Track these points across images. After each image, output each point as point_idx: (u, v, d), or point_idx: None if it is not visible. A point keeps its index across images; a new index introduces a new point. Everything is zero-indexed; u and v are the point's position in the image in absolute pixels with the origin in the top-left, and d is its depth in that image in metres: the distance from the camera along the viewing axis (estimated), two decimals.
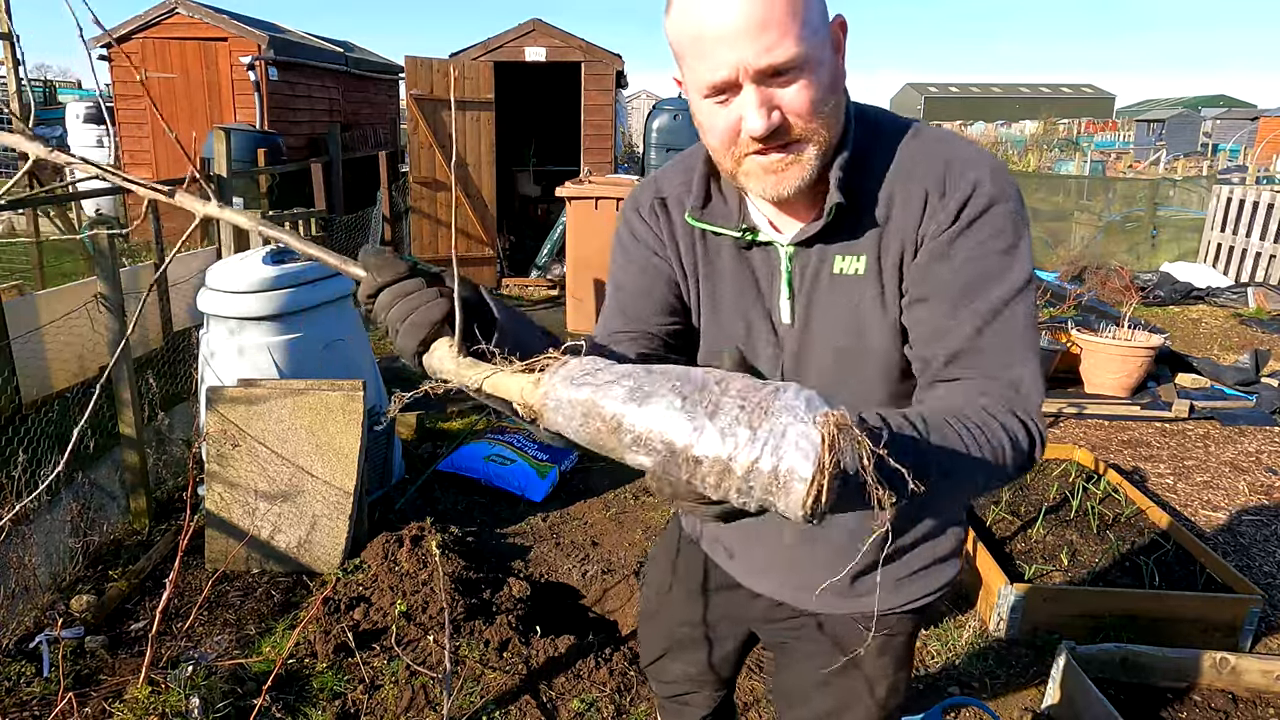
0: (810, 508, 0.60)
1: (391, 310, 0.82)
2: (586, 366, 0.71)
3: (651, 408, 0.65)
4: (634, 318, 1.20)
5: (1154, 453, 4.62)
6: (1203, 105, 42.30)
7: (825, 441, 0.59)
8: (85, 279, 4.82)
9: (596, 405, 0.67)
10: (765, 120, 0.94)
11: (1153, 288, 8.24)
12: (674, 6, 0.98)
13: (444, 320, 0.81)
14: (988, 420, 0.93)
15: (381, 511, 3.50)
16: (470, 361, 0.79)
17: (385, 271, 0.84)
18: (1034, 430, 0.97)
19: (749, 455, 0.60)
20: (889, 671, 1.30)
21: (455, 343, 0.79)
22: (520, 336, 0.88)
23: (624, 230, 1.24)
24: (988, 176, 1.02)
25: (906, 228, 1.04)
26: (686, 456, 0.63)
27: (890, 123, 1.09)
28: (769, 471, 0.60)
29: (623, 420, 0.65)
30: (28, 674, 2.43)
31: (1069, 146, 24.52)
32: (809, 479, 0.59)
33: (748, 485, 0.61)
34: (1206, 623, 2.78)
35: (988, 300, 1.00)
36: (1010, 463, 0.93)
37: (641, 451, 0.65)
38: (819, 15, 0.96)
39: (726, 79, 0.94)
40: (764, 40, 0.91)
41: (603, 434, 0.67)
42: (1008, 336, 1.00)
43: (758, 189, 1.02)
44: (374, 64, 12.95)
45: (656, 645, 1.56)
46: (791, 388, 0.64)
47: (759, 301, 1.15)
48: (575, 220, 6.57)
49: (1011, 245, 1.01)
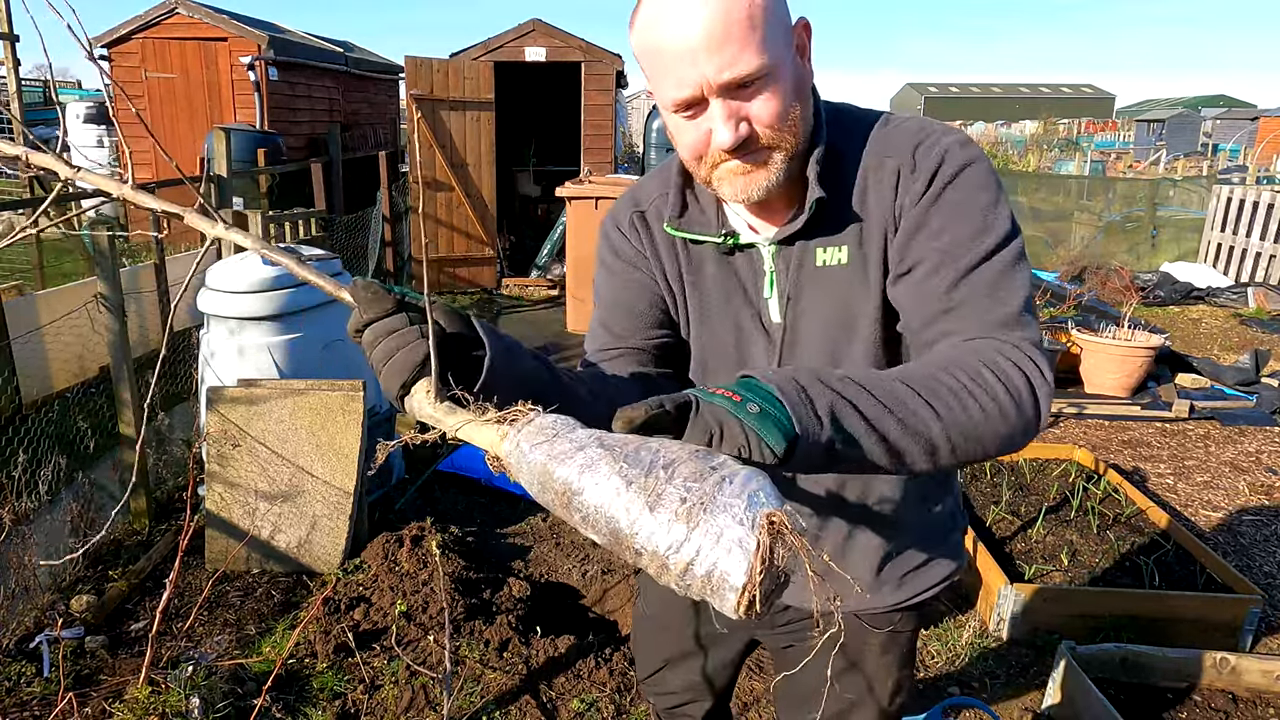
0: (745, 611, 0.59)
1: (375, 350, 0.82)
2: (547, 430, 0.70)
3: (600, 489, 0.64)
4: (621, 335, 1.20)
5: (1154, 453, 4.62)
6: (1203, 105, 42.32)
7: (759, 550, 0.58)
8: (85, 279, 4.82)
9: (549, 474, 0.67)
10: (734, 133, 0.95)
11: (1153, 288, 8.25)
12: (636, 23, 0.98)
13: (425, 362, 0.80)
14: (962, 359, 0.89)
15: (381, 511, 3.50)
16: (448, 407, 0.79)
17: (371, 308, 0.83)
18: (1028, 368, 0.90)
19: (685, 555, 0.60)
20: (893, 670, 1.30)
21: (432, 389, 0.79)
22: (514, 366, 0.88)
23: (604, 247, 1.24)
24: (955, 145, 1.02)
25: (883, 209, 1.05)
26: (629, 544, 0.63)
27: (860, 116, 1.10)
28: (703, 575, 0.60)
29: (572, 497, 0.66)
30: (28, 674, 2.43)
31: (1069, 146, 24.52)
32: (739, 588, 0.59)
33: (684, 583, 0.61)
34: (1206, 623, 2.78)
35: (971, 256, 0.98)
36: (1004, 400, 0.87)
37: (589, 529, 0.65)
38: (779, 22, 0.95)
39: (691, 96, 0.94)
40: (724, 55, 0.91)
41: (556, 505, 0.67)
42: (991, 284, 0.97)
43: (729, 193, 1.03)
44: (374, 64, 12.96)
45: (655, 657, 1.54)
46: (740, 476, 0.63)
47: (747, 304, 1.15)
48: (575, 220, 6.57)
49: (990, 202, 1.00)
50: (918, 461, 0.84)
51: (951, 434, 0.84)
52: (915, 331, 1.02)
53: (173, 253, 5.42)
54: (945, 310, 0.98)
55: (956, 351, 0.92)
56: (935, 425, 0.83)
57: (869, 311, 1.08)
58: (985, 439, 0.86)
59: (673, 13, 0.92)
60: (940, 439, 0.84)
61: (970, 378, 0.87)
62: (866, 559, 1.23)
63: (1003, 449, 0.89)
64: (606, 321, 1.22)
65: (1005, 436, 0.88)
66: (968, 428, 0.85)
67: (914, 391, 0.83)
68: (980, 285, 0.97)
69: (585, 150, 8.70)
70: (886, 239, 1.05)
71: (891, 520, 1.21)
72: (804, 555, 0.59)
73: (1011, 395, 0.88)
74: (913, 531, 1.24)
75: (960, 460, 0.87)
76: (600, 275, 1.26)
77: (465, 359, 0.84)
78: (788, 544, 0.59)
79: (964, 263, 0.98)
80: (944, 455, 0.85)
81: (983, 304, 0.96)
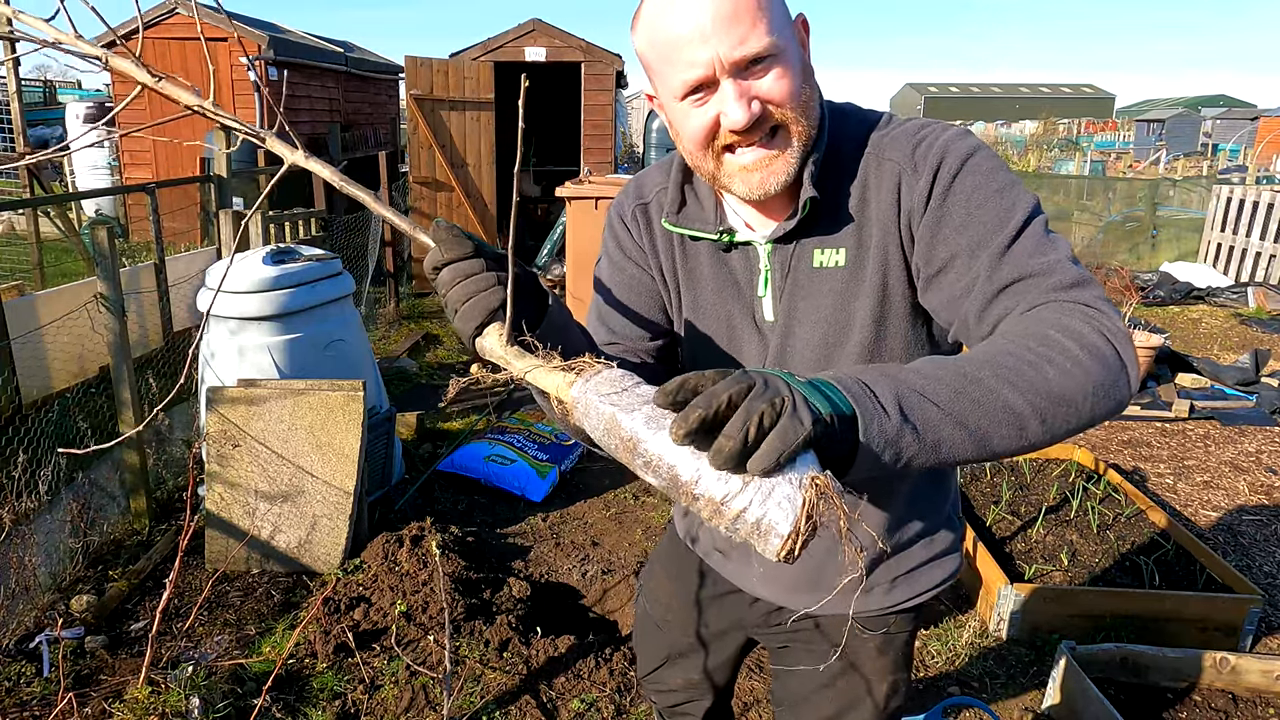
0: (784, 557, 0.67)
1: (452, 290, 0.88)
2: (615, 383, 0.78)
3: (663, 439, 0.71)
4: (620, 333, 1.22)
5: (1154, 453, 4.62)
6: (1203, 105, 42.33)
7: (805, 506, 0.66)
8: (85, 279, 4.82)
9: (618, 423, 0.74)
10: (746, 111, 0.95)
11: (1153, 288, 8.24)
12: (641, 19, 0.99)
13: (499, 308, 0.86)
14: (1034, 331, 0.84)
15: (381, 511, 3.50)
16: (517, 351, 0.86)
17: (452, 249, 0.88)
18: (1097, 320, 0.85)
19: (739, 504, 0.68)
20: (890, 671, 1.30)
21: (505, 332, 0.86)
22: (567, 323, 0.98)
23: (609, 238, 1.26)
24: (954, 138, 1.02)
25: (885, 213, 1.04)
26: (687, 490, 0.70)
27: (862, 118, 1.10)
28: (753, 522, 0.67)
29: (638, 444, 0.73)
30: (28, 674, 2.43)
31: (1069, 146, 24.53)
32: (785, 536, 0.66)
33: (734, 526, 0.69)
34: (1206, 623, 2.78)
35: (1004, 235, 0.95)
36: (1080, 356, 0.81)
37: (650, 473, 0.73)
38: (782, 9, 0.98)
39: (703, 76, 0.94)
40: (736, 32, 0.92)
41: (620, 449, 0.75)
42: (1033, 252, 0.94)
43: (742, 189, 1.02)
44: (374, 64, 12.96)
45: (655, 655, 1.55)
46: None
47: (740, 302, 1.16)
48: (575, 220, 6.57)
49: (1005, 184, 0.99)
50: (1009, 440, 0.79)
51: (1037, 403, 0.79)
52: (972, 325, 0.96)
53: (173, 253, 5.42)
54: (997, 292, 0.93)
55: (1019, 324, 0.88)
56: (1016, 398, 0.78)
57: (863, 315, 1.08)
58: (1076, 400, 0.81)
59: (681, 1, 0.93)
60: (1026, 410, 0.79)
61: (1039, 342, 0.82)
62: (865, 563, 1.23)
63: (1100, 407, 0.82)
64: (606, 317, 1.23)
65: (1097, 392, 0.81)
66: (1053, 393, 0.80)
67: (985, 369, 0.79)
68: (1023, 258, 0.93)
69: (585, 150, 8.70)
70: (887, 245, 1.05)
71: (885, 524, 1.21)
72: (841, 515, 0.67)
73: (1088, 349, 0.82)
74: (906, 535, 1.24)
75: (1057, 430, 0.81)
76: (603, 263, 1.26)
77: (527, 305, 0.92)
78: (830, 502, 0.67)
79: (998, 243, 0.95)
80: (1034, 428, 0.80)
81: (1032, 275, 0.92)
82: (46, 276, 6.45)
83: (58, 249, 8.07)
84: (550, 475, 3.86)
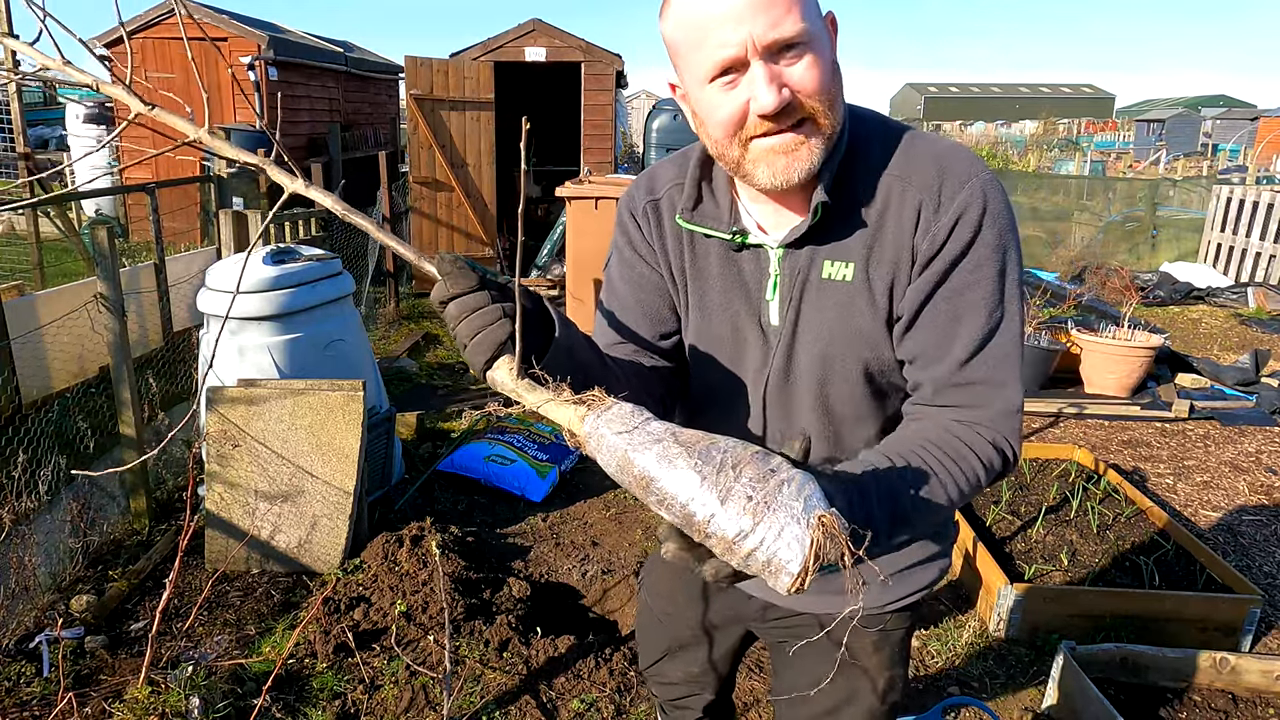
0: (794, 592, 0.73)
1: (460, 325, 0.89)
2: (626, 419, 0.81)
3: (676, 478, 0.76)
4: (629, 334, 1.22)
5: (1154, 453, 4.62)
6: (1203, 105, 42.34)
7: (813, 546, 0.71)
8: (85, 279, 4.82)
9: (630, 461, 0.78)
10: (776, 95, 0.94)
11: (1153, 288, 8.25)
12: (672, 3, 0.99)
13: (507, 340, 0.88)
14: (965, 455, 1.02)
15: (381, 511, 3.50)
16: (528, 384, 0.88)
17: (457, 283, 0.89)
18: (1009, 453, 1.06)
19: (750, 544, 0.73)
20: (886, 668, 1.31)
21: (515, 366, 0.88)
22: (574, 346, 0.98)
23: (619, 235, 1.25)
24: (979, 193, 1.03)
25: (900, 239, 1.05)
26: (700, 528, 0.75)
27: (886, 127, 1.09)
28: (764, 561, 0.73)
29: (651, 482, 0.77)
30: (28, 674, 2.43)
31: (1069, 146, 24.53)
32: (795, 575, 0.72)
33: (745, 564, 0.74)
34: (1206, 623, 2.78)
35: (976, 330, 1.04)
36: (983, 483, 1.04)
37: (663, 509, 0.77)
38: (814, 3, 0.98)
39: (735, 56, 0.94)
40: (770, 15, 0.92)
41: (633, 485, 0.79)
42: (993, 365, 1.05)
43: (766, 175, 1.01)
44: (374, 64, 12.96)
45: (657, 648, 1.56)
46: (795, 482, 0.75)
47: (747, 303, 1.15)
48: (575, 220, 6.56)
49: (1000, 270, 1.04)
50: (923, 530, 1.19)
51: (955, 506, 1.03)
52: (915, 383, 1.10)
53: (172, 253, 5.42)
54: (955, 385, 1.06)
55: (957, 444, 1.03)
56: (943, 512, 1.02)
57: (867, 329, 1.09)
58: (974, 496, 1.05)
59: None
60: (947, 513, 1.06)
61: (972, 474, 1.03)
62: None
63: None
64: (616, 316, 1.22)
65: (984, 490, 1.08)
66: (964, 498, 1.03)
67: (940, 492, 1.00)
68: (986, 367, 1.05)
69: (585, 150, 8.69)
70: (896, 269, 1.06)
71: None
72: (846, 551, 0.72)
73: (994, 475, 1.06)
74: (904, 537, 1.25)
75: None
76: (614, 261, 1.26)
77: (534, 334, 0.93)
78: (835, 541, 0.73)
79: (969, 337, 1.04)
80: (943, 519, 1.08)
81: (989, 388, 1.05)
82: (46, 276, 6.44)
83: (58, 249, 8.07)
84: (550, 475, 3.86)
